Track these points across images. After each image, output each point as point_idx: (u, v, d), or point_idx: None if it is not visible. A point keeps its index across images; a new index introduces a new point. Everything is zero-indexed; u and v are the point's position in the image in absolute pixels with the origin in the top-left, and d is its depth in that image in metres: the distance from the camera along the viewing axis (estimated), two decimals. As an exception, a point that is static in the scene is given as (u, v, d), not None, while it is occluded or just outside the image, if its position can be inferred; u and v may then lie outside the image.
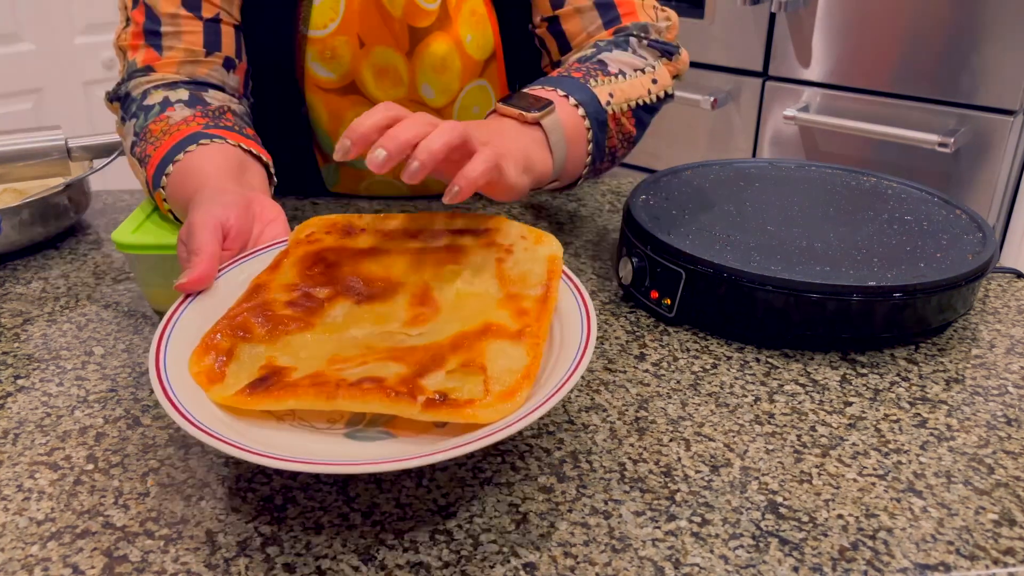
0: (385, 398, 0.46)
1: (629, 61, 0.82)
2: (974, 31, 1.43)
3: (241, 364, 0.51)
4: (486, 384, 0.47)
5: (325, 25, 0.84)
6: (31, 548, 0.49)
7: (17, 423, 0.60)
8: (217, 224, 0.59)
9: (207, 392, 0.49)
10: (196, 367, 0.50)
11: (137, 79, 0.79)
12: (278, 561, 0.47)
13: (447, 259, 0.58)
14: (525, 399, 0.47)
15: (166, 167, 0.70)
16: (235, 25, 0.83)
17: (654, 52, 0.85)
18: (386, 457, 0.44)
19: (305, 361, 0.51)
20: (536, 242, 0.58)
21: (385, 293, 0.56)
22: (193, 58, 0.80)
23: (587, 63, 0.80)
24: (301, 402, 0.48)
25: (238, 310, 0.54)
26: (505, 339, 0.50)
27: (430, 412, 0.46)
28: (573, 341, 0.51)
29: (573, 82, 0.76)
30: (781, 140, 1.71)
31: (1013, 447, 0.57)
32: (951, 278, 0.65)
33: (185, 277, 0.55)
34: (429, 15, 0.85)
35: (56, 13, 2.05)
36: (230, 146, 0.72)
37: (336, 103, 0.89)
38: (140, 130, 0.76)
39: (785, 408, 0.61)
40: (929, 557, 0.48)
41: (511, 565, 0.47)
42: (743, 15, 1.67)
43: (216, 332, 0.52)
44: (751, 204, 0.78)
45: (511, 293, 0.54)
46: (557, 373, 0.48)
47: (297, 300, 0.55)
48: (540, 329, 0.51)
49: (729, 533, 0.49)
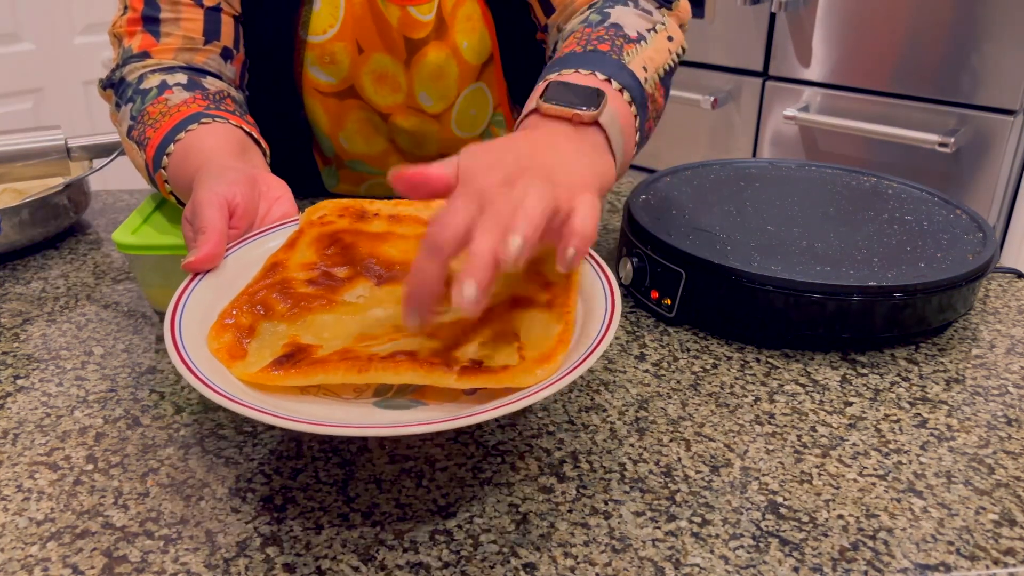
0: (419, 368, 0.45)
1: (638, 20, 0.71)
2: (974, 31, 1.43)
3: (263, 341, 0.50)
4: (520, 351, 0.46)
5: (324, 31, 0.84)
6: (31, 548, 0.49)
7: (17, 423, 0.60)
8: (223, 201, 0.57)
9: (229, 368, 0.48)
10: (216, 343, 0.49)
11: (132, 64, 0.78)
12: (278, 561, 0.47)
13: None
14: (561, 362, 0.45)
15: (167, 147, 0.69)
16: (235, 16, 0.82)
17: (653, 3, 0.76)
18: (422, 420, 0.43)
19: (329, 340, 0.50)
20: None
21: (405, 275, 0.54)
22: (191, 45, 0.79)
23: (603, 28, 0.68)
24: (331, 376, 0.46)
25: (257, 287, 0.52)
26: (535, 309, 0.50)
27: (466, 379, 0.44)
28: (598, 312, 0.50)
29: (605, 59, 0.63)
30: (781, 140, 1.71)
31: (1013, 447, 0.57)
32: (951, 278, 0.65)
33: (192, 256, 0.53)
34: (425, 26, 0.84)
35: (56, 13, 2.05)
36: (232, 126, 0.71)
37: (335, 107, 0.89)
38: (137, 113, 0.74)
39: (785, 408, 0.61)
40: (929, 557, 0.48)
41: (511, 565, 0.47)
42: (743, 15, 1.67)
43: (235, 308, 0.51)
44: (751, 204, 0.78)
45: (535, 269, 0.53)
46: (584, 343, 0.47)
47: (317, 279, 0.54)
48: (568, 300, 0.50)
49: (729, 533, 0.49)
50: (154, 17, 0.78)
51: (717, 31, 1.71)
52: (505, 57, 0.90)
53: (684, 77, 1.78)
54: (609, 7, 0.72)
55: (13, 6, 1.98)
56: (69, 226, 0.90)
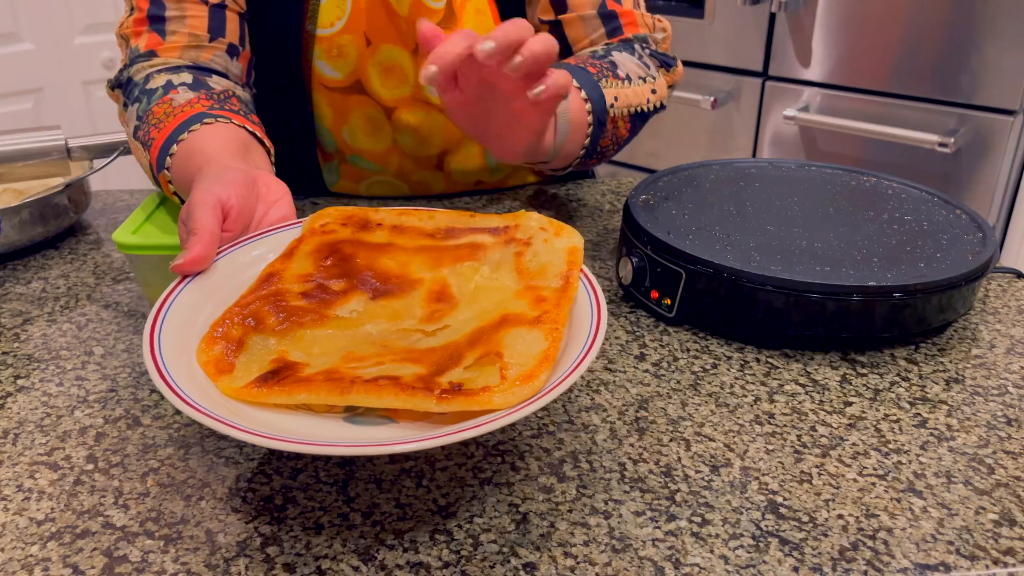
0: (400, 392, 0.45)
1: (635, 68, 0.84)
2: (974, 31, 1.43)
3: (251, 356, 0.50)
4: (502, 370, 0.46)
5: (332, 23, 0.85)
6: (31, 548, 0.49)
7: (17, 423, 0.60)
8: (217, 203, 0.57)
9: (215, 382, 0.48)
10: (205, 356, 0.49)
11: (139, 64, 0.78)
12: (278, 561, 0.47)
13: (465, 255, 0.57)
14: (544, 382, 0.45)
15: (170, 147, 0.69)
16: (240, 13, 0.83)
17: (655, 62, 0.88)
18: (391, 439, 0.43)
19: (317, 357, 0.50)
20: (556, 234, 0.57)
21: (401, 289, 0.55)
22: (197, 43, 0.79)
23: (600, 61, 0.81)
24: (313, 396, 0.47)
25: (250, 298, 0.52)
26: (523, 326, 0.49)
27: (445, 403, 0.44)
28: (583, 326, 0.49)
29: (587, 77, 0.78)
30: (781, 140, 1.71)
31: (1013, 447, 0.57)
32: (951, 278, 0.65)
33: (181, 258, 0.53)
34: (436, 13, 0.85)
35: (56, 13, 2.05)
36: (235, 126, 0.71)
37: (341, 102, 0.90)
38: (143, 113, 0.75)
39: (785, 408, 0.61)
40: (929, 557, 0.48)
41: (511, 565, 0.47)
42: (743, 15, 1.67)
43: (226, 319, 0.51)
44: (751, 204, 0.78)
45: (530, 285, 0.53)
46: (567, 359, 0.47)
47: (311, 291, 0.54)
48: (559, 315, 0.50)
49: (729, 533, 0.49)
50: (160, 16, 0.79)
51: (717, 31, 1.71)
52: None
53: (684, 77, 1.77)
54: (616, 50, 0.84)
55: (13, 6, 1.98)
56: (69, 226, 0.90)
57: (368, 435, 0.46)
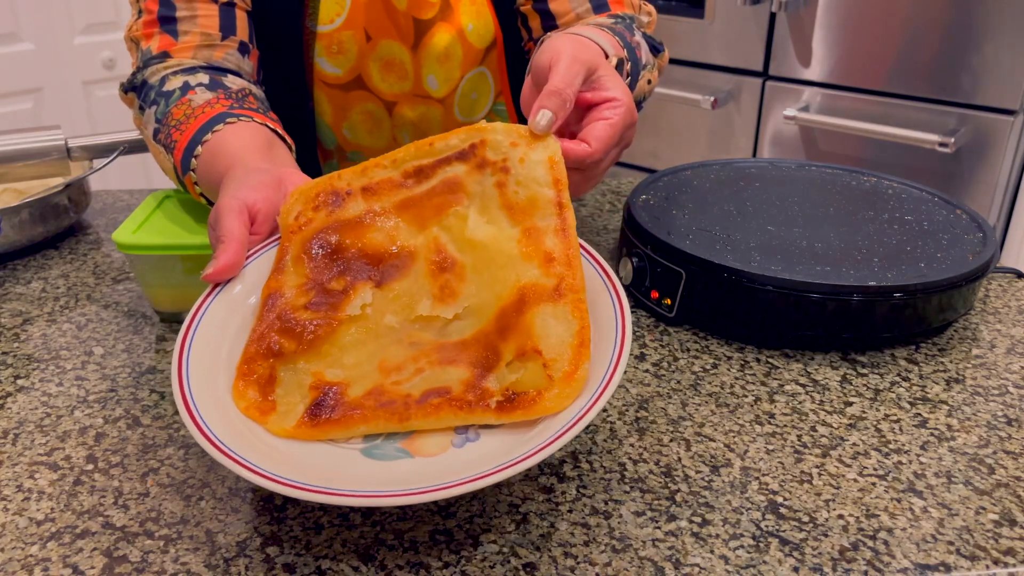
0: (459, 411, 0.47)
1: (647, 54, 0.81)
2: (974, 31, 1.43)
3: (287, 387, 0.50)
4: (546, 367, 0.47)
5: (332, 20, 0.85)
6: (31, 548, 0.49)
7: (17, 423, 0.60)
8: (243, 207, 0.57)
9: (264, 425, 0.49)
10: (243, 402, 0.50)
11: (154, 66, 0.78)
12: (278, 561, 0.47)
13: (446, 201, 0.55)
14: (586, 373, 0.47)
15: (194, 149, 0.69)
16: (247, 11, 0.83)
17: (646, 44, 0.84)
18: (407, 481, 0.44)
19: (352, 369, 0.50)
20: (529, 146, 0.54)
21: (401, 268, 0.54)
22: (209, 42, 0.79)
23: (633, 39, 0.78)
24: (372, 427, 0.48)
25: (261, 329, 0.52)
26: (546, 303, 0.50)
27: (505, 416, 0.47)
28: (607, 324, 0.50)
29: (636, 64, 0.76)
30: (781, 140, 1.71)
31: (1013, 447, 0.57)
32: (951, 278, 0.65)
33: (211, 267, 0.53)
34: (433, 6, 0.85)
35: (56, 13, 2.05)
36: (257, 124, 0.71)
37: (341, 98, 0.90)
38: (162, 116, 0.75)
39: (785, 408, 0.61)
40: (929, 557, 0.48)
41: (511, 565, 0.47)
42: (743, 15, 1.67)
43: (248, 361, 0.51)
44: (751, 204, 0.78)
45: (527, 229, 0.53)
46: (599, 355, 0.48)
47: (315, 300, 0.53)
48: (575, 278, 0.50)
49: (729, 533, 0.49)
50: (171, 17, 0.79)
51: (717, 31, 1.71)
52: (508, 44, 0.91)
53: (684, 77, 1.78)
54: (634, 29, 0.80)
55: (13, 6, 1.98)
56: (69, 226, 0.90)
57: (390, 474, 0.47)
